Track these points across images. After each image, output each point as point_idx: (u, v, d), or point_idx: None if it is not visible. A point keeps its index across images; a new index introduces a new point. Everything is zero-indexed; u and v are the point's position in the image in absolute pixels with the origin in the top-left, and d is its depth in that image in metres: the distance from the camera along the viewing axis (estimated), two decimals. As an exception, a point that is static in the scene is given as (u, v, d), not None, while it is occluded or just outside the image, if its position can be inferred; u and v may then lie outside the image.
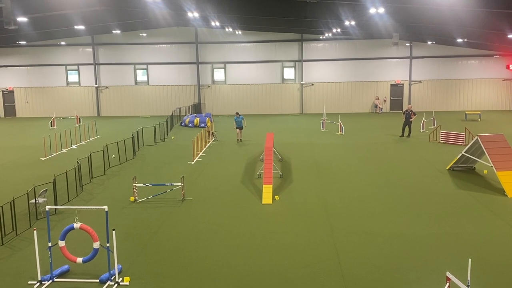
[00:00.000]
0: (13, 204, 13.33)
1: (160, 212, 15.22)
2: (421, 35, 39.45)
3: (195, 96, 45.48)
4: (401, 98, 44.81)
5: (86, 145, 28.06)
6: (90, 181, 19.30)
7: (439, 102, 44.31)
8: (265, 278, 10.39)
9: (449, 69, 44.07)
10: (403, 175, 19.50)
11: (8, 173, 21.39)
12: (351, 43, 44.07)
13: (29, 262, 11.22)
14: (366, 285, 9.94)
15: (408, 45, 43.63)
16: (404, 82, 44.56)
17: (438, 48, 43.41)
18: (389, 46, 42.67)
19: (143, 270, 10.96)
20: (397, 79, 44.56)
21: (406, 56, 44.12)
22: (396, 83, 44.69)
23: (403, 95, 44.79)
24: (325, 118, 34.18)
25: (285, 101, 45.32)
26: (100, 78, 45.96)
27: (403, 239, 12.50)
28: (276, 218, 14.52)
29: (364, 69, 44.58)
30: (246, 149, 25.83)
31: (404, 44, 43.21)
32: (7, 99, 47.08)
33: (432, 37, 40.10)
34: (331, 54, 44.57)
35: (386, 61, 44.43)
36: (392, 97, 44.94)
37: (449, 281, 7.94)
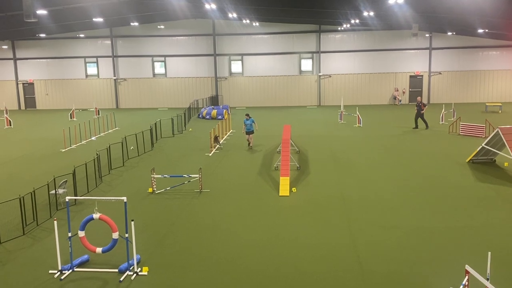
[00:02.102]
0: (33, 194, 13.55)
1: (178, 204, 15.33)
2: (441, 26, 38.85)
3: (212, 88, 45.56)
4: (420, 89, 44.29)
5: (105, 137, 28.34)
6: (109, 173, 19.51)
7: (459, 93, 43.69)
8: (282, 270, 10.41)
9: (470, 60, 43.38)
10: (421, 168, 19.31)
11: (28, 164, 21.73)
12: (370, 34, 43.62)
13: (49, 252, 11.40)
14: (384, 278, 9.89)
15: (427, 36, 43.03)
16: (424, 73, 44.02)
17: (458, 39, 42.73)
18: (408, 37, 42.16)
19: (161, 260, 11.07)
20: (416, 70, 44.03)
21: (426, 47, 43.54)
22: (415, 75, 44.18)
23: (423, 87, 44.27)
24: (343, 110, 33.97)
25: (302, 93, 45.13)
26: (119, 70, 46.30)
27: (422, 232, 12.40)
28: (293, 210, 14.52)
29: (383, 61, 44.13)
30: (263, 142, 25.82)
31: (424, 35, 42.63)
32: (27, 91, 47.74)
33: (452, 28, 39.47)
34: (349, 45, 44.20)
35: (405, 52, 43.90)
36: (411, 89, 44.43)
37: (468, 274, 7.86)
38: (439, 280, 9.72)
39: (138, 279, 10.15)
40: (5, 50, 46.57)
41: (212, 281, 9.97)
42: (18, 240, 12.47)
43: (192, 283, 9.93)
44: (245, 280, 9.99)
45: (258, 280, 9.99)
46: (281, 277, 10.07)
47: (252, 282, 9.89)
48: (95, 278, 10.26)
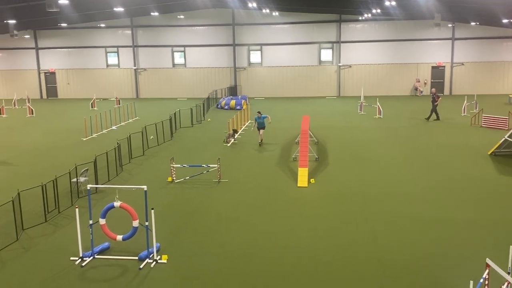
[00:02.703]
0: (55, 182, 13.78)
1: (197, 193, 15.43)
2: (464, 16, 38.14)
3: (231, 79, 45.55)
4: (442, 80, 43.66)
5: (126, 126, 28.60)
6: (130, 162, 19.71)
7: (482, 85, 42.92)
8: (301, 260, 10.42)
9: (493, 51, 42.55)
10: (443, 159, 19.08)
11: (50, 152, 22.07)
12: (391, 23, 43.06)
13: (71, 239, 11.59)
14: (403, 270, 9.84)
15: (450, 26, 42.31)
16: (446, 64, 43.35)
17: (482, 29, 41.91)
18: (430, 27, 41.45)
19: (180, 249, 11.17)
20: (438, 61, 43.38)
21: (448, 37, 42.83)
22: (437, 65, 43.53)
23: (445, 78, 43.63)
24: (363, 101, 33.68)
25: (321, 84, 44.85)
26: (139, 60, 46.57)
27: (442, 224, 12.28)
28: (312, 201, 14.50)
29: (404, 51, 43.55)
30: (282, 133, 25.78)
31: (447, 25, 41.92)
32: (49, 81, 48.37)
33: (475, 18, 38.71)
34: (370, 35, 43.70)
35: (427, 43, 43.25)
36: (433, 80, 43.82)
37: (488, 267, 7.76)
38: (458, 273, 9.63)
39: (158, 267, 10.27)
40: (27, 39, 47.17)
41: (230, 270, 10.04)
42: (40, 227, 12.71)
43: (210, 271, 10.01)
44: (263, 270, 10.03)
45: (275, 269, 10.03)
46: (299, 267, 10.09)
47: (270, 272, 9.92)
48: (115, 265, 10.41)
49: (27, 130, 28.39)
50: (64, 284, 9.62)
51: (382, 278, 9.54)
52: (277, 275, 9.78)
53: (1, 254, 11.07)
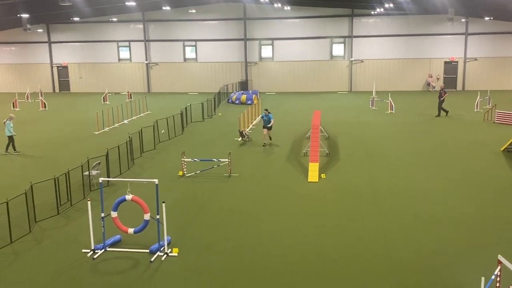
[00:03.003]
0: (68, 175, 13.90)
1: (208, 187, 15.48)
2: (478, 10, 37.72)
3: (242, 73, 45.55)
4: (455, 76, 43.30)
5: (137, 120, 28.74)
6: (141, 155, 19.82)
7: (495, 80, 42.49)
8: (309, 256, 10.43)
9: (507, 46, 42.08)
10: (454, 156, 18.95)
11: (63, 146, 22.25)
12: (404, 18, 42.72)
13: (83, 231, 11.70)
14: (413, 267, 9.80)
15: (464, 21, 41.88)
16: (459, 59, 42.97)
17: (495, 24, 41.44)
18: (444, 21, 41.06)
19: (190, 242, 11.23)
20: (451, 56, 43.00)
21: (462, 32, 42.41)
22: (450, 61, 43.15)
23: (457, 73, 43.26)
24: (374, 96, 33.52)
25: (333, 79, 44.68)
26: (150, 54, 46.71)
27: (453, 221, 12.20)
28: (322, 196, 14.48)
29: (417, 46, 43.22)
30: (293, 127, 25.75)
31: (460, 19, 41.51)
32: (61, 75, 48.71)
33: (489, 13, 38.26)
34: (382, 29, 43.42)
35: (440, 38, 42.88)
36: (446, 75, 43.46)
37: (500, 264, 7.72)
38: (470, 270, 9.57)
39: (169, 260, 10.34)
40: (40, 33, 47.51)
41: (239, 265, 10.08)
42: (52, 220, 12.85)
43: (220, 265, 10.05)
44: (272, 265, 10.05)
45: (285, 264, 10.04)
46: (307, 263, 10.10)
47: (279, 267, 9.94)
48: (126, 258, 10.49)
49: (39, 123, 28.63)
50: (76, 276, 9.72)
51: (390, 275, 9.52)
52: (285, 271, 9.79)
53: (14, 246, 11.21)
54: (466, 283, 9.04)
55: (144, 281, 9.45)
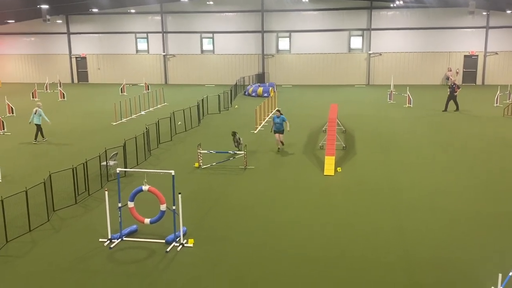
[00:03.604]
0: (86, 165, 14.06)
1: (223, 179, 15.53)
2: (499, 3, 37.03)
3: (259, 66, 45.44)
4: (474, 70, 42.66)
5: (154, 112, 28.91)
6: (158, 147, 19.95)
7: (517, 75, 41.75)
8: (325, 249, 10.42)
9: (530, 40, 41.28)
10: (473, 151, 18.71)
11: (81, 136, 22.49)
12: (424, 11, 42.15)
13: (100, 221, 11.84)
14: (430, 262, 9.73)
15: (485, 14, 41.16)
16: (479, 53, 42.29)
17: (518, 17, 40.67)
18: (464, 14, 40.37)
19: (206, 233, 11.30)
20: (471, 50, 42.34)
21: (482, 25, 41.70)
22: (470, 54, 42.50)
23: (477, 67, 42.60)
24: (392, 89, 33.20)
25: (351, 72, 44.34)
26: (168, 46, 46.83)
27: (471, 217, 12.07)
28: (338, 190, 14.43)
29: (437, 39, 42.62)
30: (309, 120, 25.66)
31: (481, 13, 40.79)
32: (80, 65, 49.12)
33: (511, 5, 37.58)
34: (401, 22, 42.89)
35: (460, 31, 42.22)
36: (465, 69, 42.84)
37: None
38: (487, 266, 9.48)
39: (184, 250, 10.42)
40: (60, 24, 47.93)
41: (255, 256, 10.11)
42: (70, 209, 13.02)
43: (236, 256, 10.10)
44: (286, 257, 10.07)
45: (299, 257, 10.05)
46: (323, 255, 10.09)
47: (293, 259, 9.95)
48: (142, 247, 10.60)
49: (58, 113, 28.94)
50: (93, 265, 9.86)
51: (406, 269, 9.46)
52: (300, 263, 9.80)
53: (33, 234, 11.40)
54: (483, 279, 8.95)
55: (160, 271, 9.55)
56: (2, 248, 10.60)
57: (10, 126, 24.30)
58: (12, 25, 47.67)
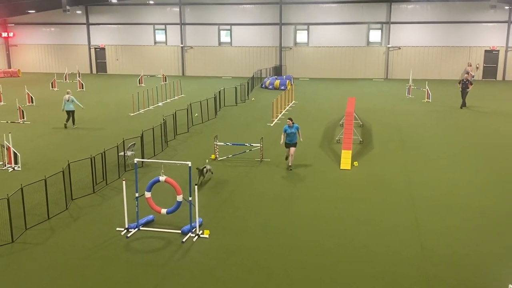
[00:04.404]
0: (104, 155, 14.21)
1: (239, 171, 15.57)
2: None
3: (276, 58, 45.31)
4: (495, 65, 42.01)
5: (171, 103, 29.05)
6: (175, 138, 20.07)
7: (539, 71, 41.01)
8: (341, 243, 10.40)
9: (553, 35, 40.47)
10: (492, 148, 18.46)
11: (99, 126, 22.72)
12: (445, 4, 41.56)
13: (117, 210, 11.97)
14: (446, 258, 9.65)
15: (507, 8, 40.42)
16: (500, 48, 41.59)
17: (542, 11, 39.88)
18: (486, 8, 39.71)
19: (221, 224, 11.36)
20: (492, 45, 41.67)
21: (504, 20, 40.99)
22: (491, 49, 41.84)
23: (498, 63, 41.93)
24: (411, 84, 32.86)
25: (369, 65, 43.98)
26: (186, 38, 46.93)
27: (489, 214, 11.93)
28: (354, 184, 14.37)
29: (457, 33, 42.02)
30: (326, 114, 25.55)
31: (503, 7, 40.07)
32: (99, 56, 49.52)
33: (536, 0, 36.85)
34: (421, 16, 42.36)
35: (481, 25, 41.55)
36: (486, 64, 42.19)
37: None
38: (504, 264, 9.37)
39: (200, 241, 10.49)
40: (79, 15, 48.32)
41: (270, 247, 10.13)
42: (88, 198, 13.18)
43: (251, 247, 10.13)
44: (300, 250, 10.07)
45: (314, 249, 10.05)
46: (340, 250, 10.07)
47: (308, 251, 9.96)
48: (159, 237, 10.70)
49: (77, 103, 29.22)
50: (110, 253, 9.98)
51: (422, 265, 9.40)
52: (316, 255, 9.80)
53: (52, 222, 11.57)
54: (500, 276, 8.86)
55: (176, 261, 9.63)
56: (21, 236, 10.78)
57: (30, 115, 24.63)
58: (33, 15, 48.18)
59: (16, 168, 15.79)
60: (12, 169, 15.70)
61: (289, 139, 15.63)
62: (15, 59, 50.98)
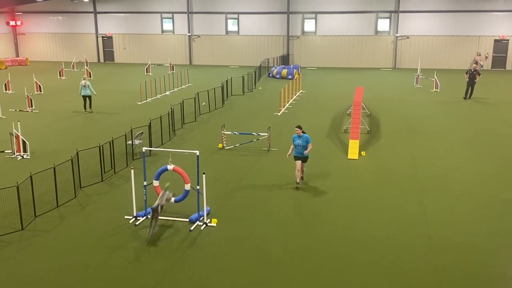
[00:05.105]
0: (112, 144, 14.27)
1: (247, 160, 15.59)
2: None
3: (283, 47, 45.10)
4: (505, 55, 41.58)
5: (179, 92, 29.05)
6: (182, 127, 20.10)
7: (549, 60, 40.56)
8: (348, 232, 10.42)
9: None
10: (501, 138, 18.35)
11: (107, 115, 22.79)
12: (454, -7, 41.09)
13: (125, 198, 12.04)
14: (454, 247, 9.65)
15: (518, -4, 39.93)
16: (510, 37, 41.14)
17: (553, 0, 39.35)
18: (496, -3, 39.21)
19: (229, 213, 11.41)
20: (502, 34, 41.21)
21: (515, 9, 40.49)
22: (500, 39, 41.39)
23: (507, 52, 41.49)
24: (419, 73, 32.64)
25: (377, 54, 43.66)
26: (193, 26, 46.78)
27: (498, 203, 11.90)
28: (362, 174, 14.36)
29: (466, 23, 41.55)
30: (334, 103, 25.47)
31: (514, -5, 39.58)
32: (106, 45, 49.50)
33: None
34: (430, 5, 41.89)
35: (491, 14, 41.06)
36: (495, 54, 41.78)
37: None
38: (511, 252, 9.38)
39: (207, 229, 10.55)
40: (86, 3, 48.24)
41: (275, 237, 10.17)
42: (96, 186, 13.27)
43: (257, 236, 10.18)
44: (308, 238, 10.11)
45: (321, 238, 10.08)
46: (347, 239, 10.10)
47: (315, 241, 9.99)
48: (167, 226, 10.77)
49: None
50: (118, 241, 10.06)
51: (429, 254, 9.41)
52: (324, 243, 9.83)
53: (61, 210, 11.67)
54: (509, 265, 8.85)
55: (184, 249, 9.70)
56: (31, 223, 10.89)
57: (38, 104, 24.74)
58: (40, 4, 48.19)
59: (25, 156, 15.91)
60: (21, 157, 15.82)
61: (298, 151, 12.97)
62: (23, 48, 51.11)
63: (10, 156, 16.03)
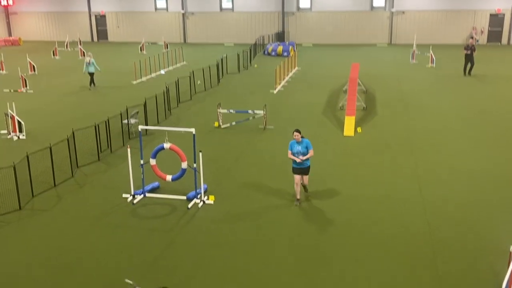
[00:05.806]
0: (108, 123, 14.25)
1: (243, 139, 15.62)
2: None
3: (279, 24, 44.71)
4: (500, 29, 41.37)
5: (173, 71, 28.89)
6: (177, 106, 20.05)
7: (545, 34, 40.40)
8: (344, 206, 10.52)
9: (561, -2, 39.71)
10: (496, 112, 18.41)
11: (102, 94, 22.70)
12: (450, -33, 40.67)
13: (123, 177, 12.07)
14: (449, 221, 9.78)
15: (515, -30, 39.57)
16: (506, 11, 40.87)
17: (550, -27, 39.01)
18: (492, -29, 38.86)
19: (226, 191, 11.49)
20: (497, 8, 40.93)
21: (511, -18, 40.16)
22: (496, 13, 41.12)
23: (503, 26, 41.28)
24: (415, 49, 32.50)
25: (373, 30, 43.35)
26: (187, 4, 46.24)
27: (492, 178, 12.01)
28: (358, 150, 14.42)
29: (462, -3, 41.21)
30: (330, 80, 25.41)
31: (511, -32, 39.21)
32: (100, 23, 48.93)
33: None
34: (426, -21, 41.49)
35: (487, -12, 40.73)
36: (491, 28, 41.57)
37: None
38: (507, 227, 9.49)
39: (205, 207, 10.63)
40: (79, -18, 47.55)
41: (272, 214, 10.27)
42: (94, 165, 13.30)
43: (254, 213, 10.29)
44: (305, 217, 10.21)
45: (318, 217, 10.18)
46: (344, 213, 10.20)
47: (312, 220, 10.09)
48: (165, 203, 10.84)
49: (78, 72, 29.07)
50: (117, 219, 10.15)
51: (426, 228, 9.53)
52: (319, 223, 9.93)
53: (58, 189, 11.72)
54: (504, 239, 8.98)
55: (182, 226, 9.79)
56: (29, 203, 10.94)
57: (32, 84, 24.57)
58: (31, -18, 47.47)
59: (21, 136, 15.88)
60: (17, 138, 15.79)
61: (296, 163, 10.76)
62: (15, 27, 50.49)
63: (6, 136, 16.00)
